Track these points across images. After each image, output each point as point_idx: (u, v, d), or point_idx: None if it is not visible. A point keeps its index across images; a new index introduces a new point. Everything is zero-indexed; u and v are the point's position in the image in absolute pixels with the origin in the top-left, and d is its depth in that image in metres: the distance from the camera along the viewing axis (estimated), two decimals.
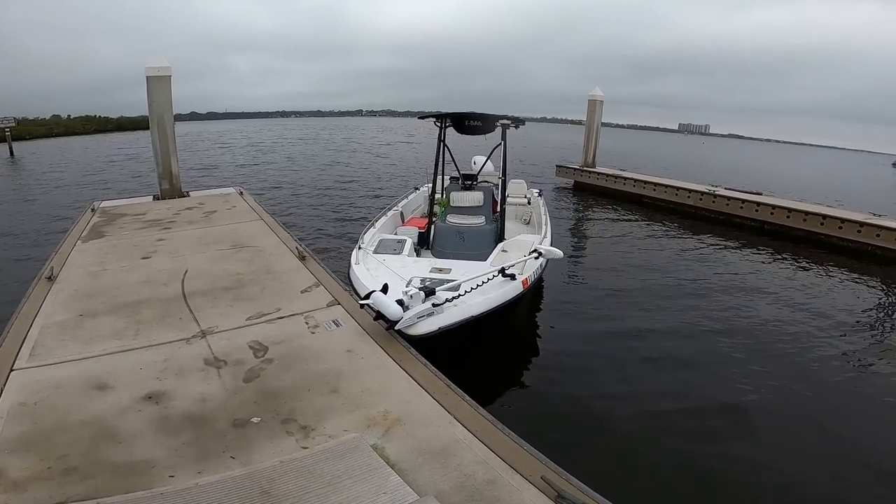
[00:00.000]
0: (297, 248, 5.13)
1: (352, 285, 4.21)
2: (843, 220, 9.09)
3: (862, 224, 8.84)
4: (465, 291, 3.65)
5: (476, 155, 7.23)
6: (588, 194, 14.51)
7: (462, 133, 6.32)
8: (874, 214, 9.42)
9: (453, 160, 6.63)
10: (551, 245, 5.05)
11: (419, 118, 6.63)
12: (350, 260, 4.76)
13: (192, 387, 2.75)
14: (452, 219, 6.01)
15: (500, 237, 5.80)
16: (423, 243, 6.02)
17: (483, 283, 3.83)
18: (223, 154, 25.16)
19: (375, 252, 4.99)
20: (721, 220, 11.02)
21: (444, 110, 6.16)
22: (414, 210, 7.63)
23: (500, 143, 6.23)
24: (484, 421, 2.50)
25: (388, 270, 4.48)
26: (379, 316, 3.28)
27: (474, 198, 6.17)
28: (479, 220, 6.00)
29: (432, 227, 6.14)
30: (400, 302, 3.28)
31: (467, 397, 2.69)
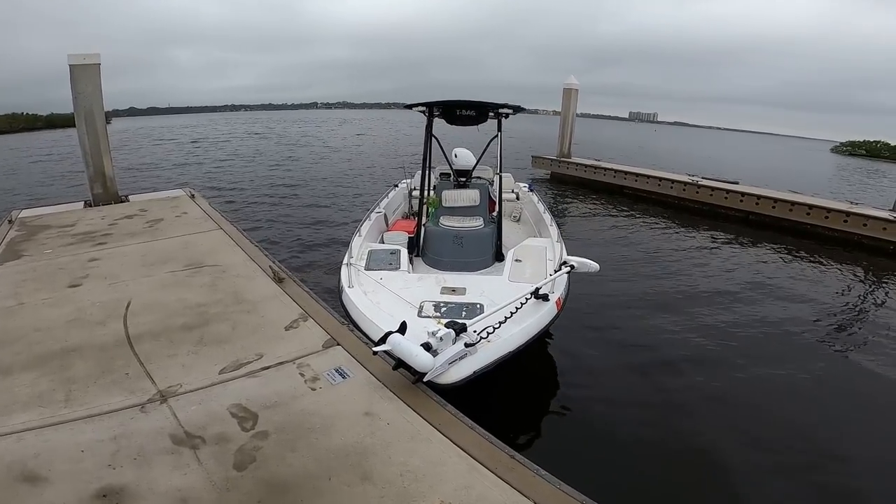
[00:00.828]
0: (270, 266, 4.23)
1: (350, 318, 3.39)
2: (829, 210, 9.03)
3: (848, 214, 8.78)
4: (500, 322, 2.97)
5: (457, 147, 6.49)
6: (566, 185, 14.15)
7: (452, 124, 5.55)
8: (852, 203, 9.47)
9: (444, 154, 5.89)
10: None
11: (405, 107, 5.82)
12: (340, 281, 3.92)
13: (163, 478, 1.94)
14: (446, 221, 5.28)
15: (499, 240, 5.17)
16: (412, 249, 5.25)
17: (517, 308, 3.16)
18: (170, 152, 22.98)
19: (367, 268, 4.19)
20: (705, 210, 10.85)
21: (404, 102, 5.45)
22: (395, 210, 6.83)
23: (497, 135, 5.58)
24: (574, 503, 1.86)
25: (389, 293, 3.72)
26: (400, 364, 2.55)
27: (469, 196, 5.47)
28: (477, 223, 5.30)
29: (422, 231, 5.39)
30: (426, 346, 2.56)
31: (542, 471, 2.04)
